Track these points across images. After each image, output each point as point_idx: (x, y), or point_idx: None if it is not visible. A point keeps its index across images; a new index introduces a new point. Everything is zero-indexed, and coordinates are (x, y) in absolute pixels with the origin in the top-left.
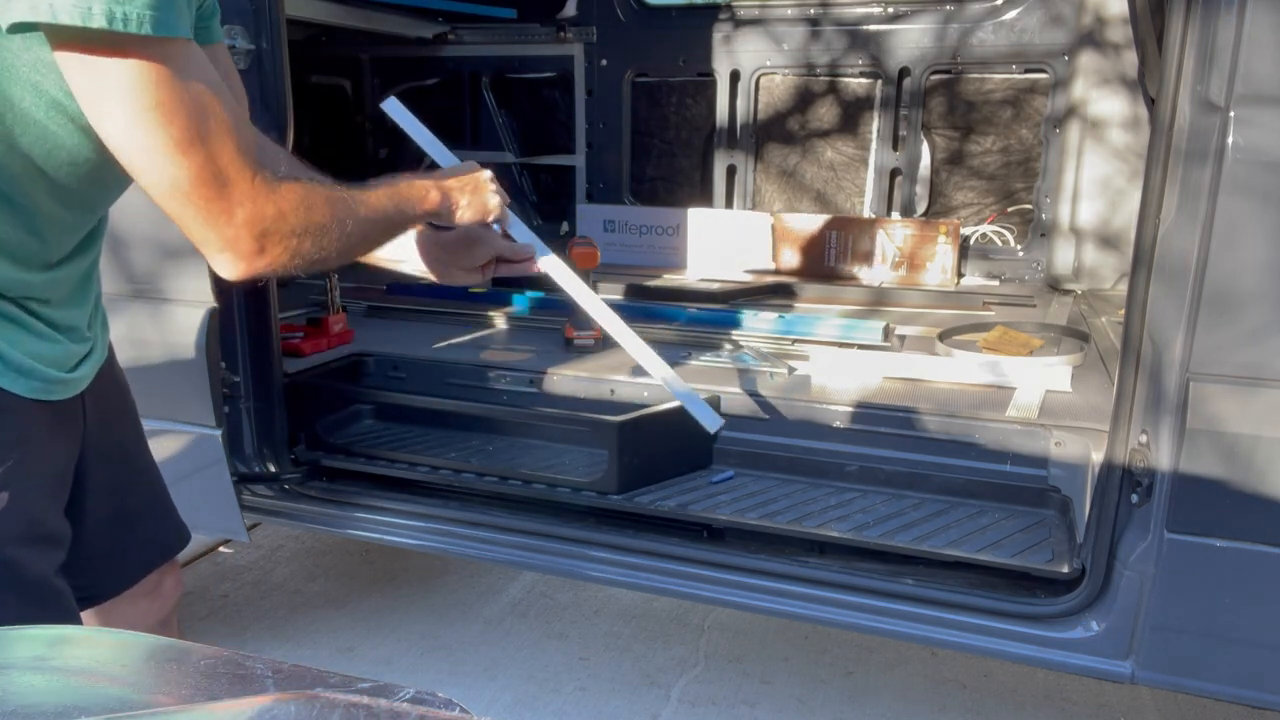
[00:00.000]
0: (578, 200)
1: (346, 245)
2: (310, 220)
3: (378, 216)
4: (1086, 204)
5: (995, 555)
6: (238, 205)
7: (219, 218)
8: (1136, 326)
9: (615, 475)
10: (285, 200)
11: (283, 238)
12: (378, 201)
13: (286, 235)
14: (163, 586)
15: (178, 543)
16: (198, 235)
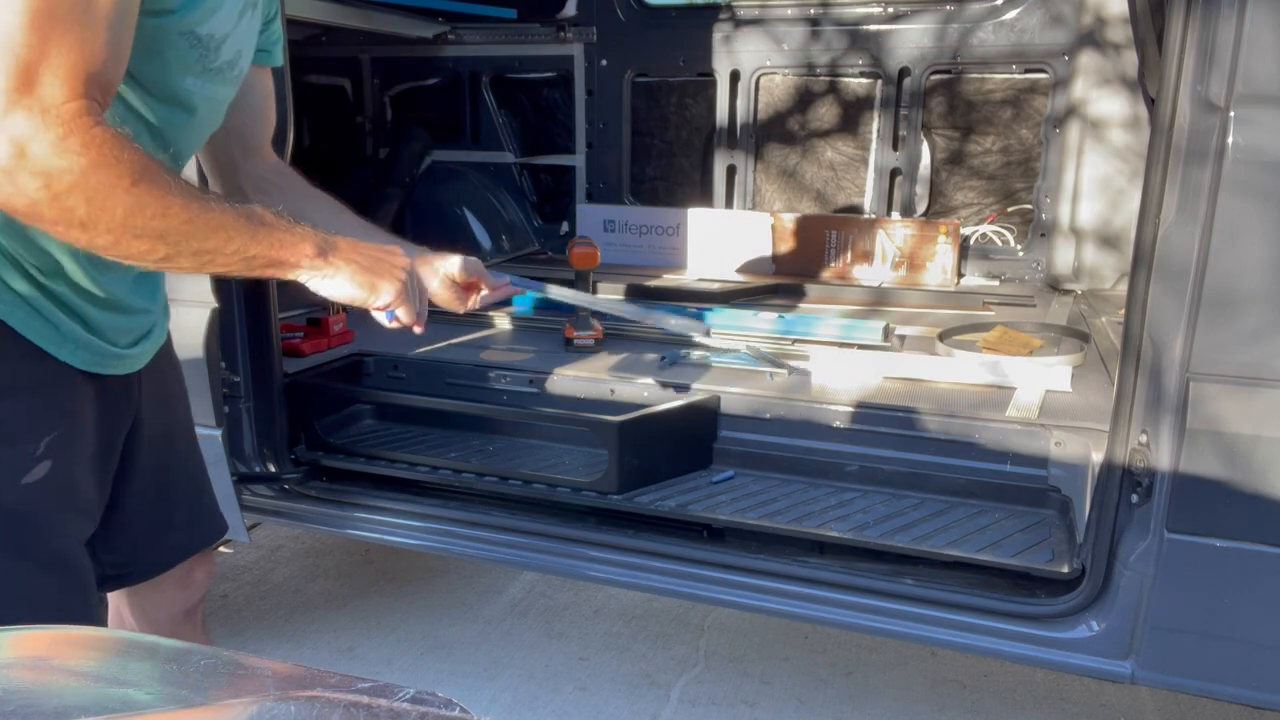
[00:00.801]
0: (578, 200)
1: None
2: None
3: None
4: (1086, 204)
5: (995, 555)
6: (22, 109)
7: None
8: (1136, 326)
9: (615, 475)
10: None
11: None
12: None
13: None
14: (193, 576)
15: (214, 532)
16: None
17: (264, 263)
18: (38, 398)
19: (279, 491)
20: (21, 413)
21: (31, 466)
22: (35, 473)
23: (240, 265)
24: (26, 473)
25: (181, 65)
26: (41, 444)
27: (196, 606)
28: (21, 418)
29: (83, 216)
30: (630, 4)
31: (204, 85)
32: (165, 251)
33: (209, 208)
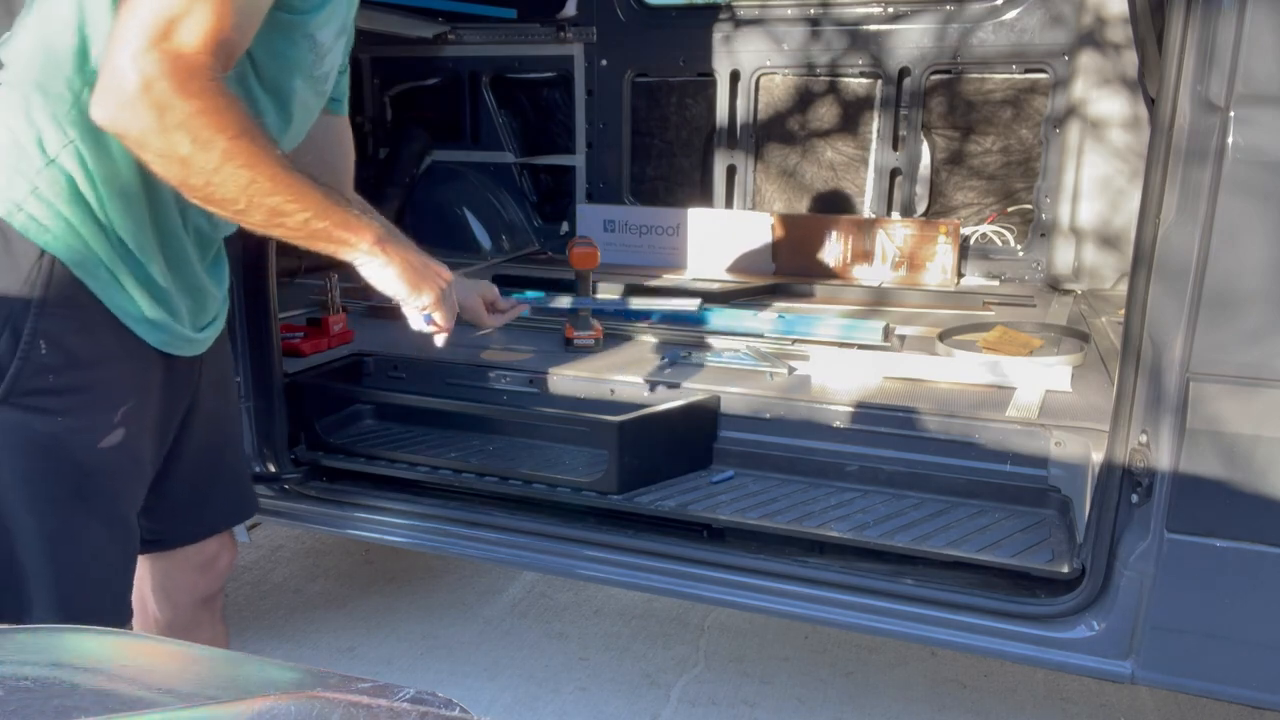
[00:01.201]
0: (578, 200)
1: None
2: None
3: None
4: (1086, 204)
5: (995, 555)
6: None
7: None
8: (1136, 326)
9: (615, 475)
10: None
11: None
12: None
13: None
14: (217, 562)
15: (248, 508)
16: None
17: (326, 237)
18: (119, 369)
19: (279, 491)
20: (106, 382)
21: (108, 432)
22: (111, 438)
23: (305, 234)
24: (104, 437)
25: (296, 65)
26: (119, 412)
27: (217, 594)
28: (105, 386)
29: (184, 154)
30: (630, 4)
31: (305, 90)
32: (244, 204)
33: (292, 174)
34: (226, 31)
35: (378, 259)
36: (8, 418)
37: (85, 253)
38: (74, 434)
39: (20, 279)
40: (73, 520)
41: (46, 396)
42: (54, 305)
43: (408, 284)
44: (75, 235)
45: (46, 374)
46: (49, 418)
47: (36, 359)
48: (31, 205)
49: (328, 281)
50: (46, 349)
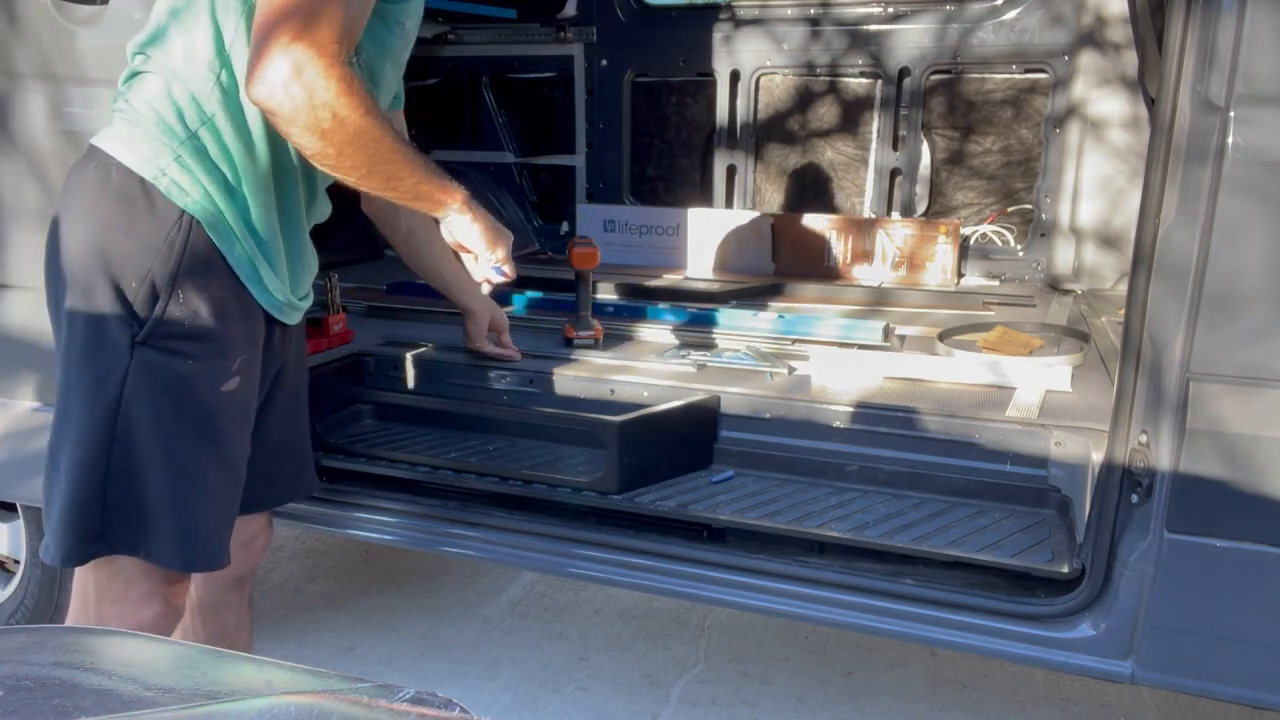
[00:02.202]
0: (578, 200)
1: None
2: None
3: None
4: (1086, 204)
5: (995, 555)
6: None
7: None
8: (1136, 326)
9: (615, 475)
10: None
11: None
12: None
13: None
14: (255, 542)
15: (311, 486)
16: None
17: (429, 198)
18: (237, 325)
19: None
20: (227, 334)
21: (228, 379)
22: (230, 384)
23: (411, 194)
24: (225, 382)
25: (389, 51)
26: (236, 362)
27: (249, 576)
28: (227, 338)
29: (326, 128)
30: (630, 4)
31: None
32: (367, 169)
33: (404, 146)
34: (349, 26)
35: (466, 216)
36: (147, 358)
37: (218, 217)
38: (201, 377)
39: (162, 236)
40: (196, 456)
41: (180, 341)
42: (189, 262)
43: (487, 239)
44: (210, 201)
45: (181, 322)
46: (182, 360)
47: (175, 309)
48: (174, 172)
49: (328, 281)
50: (182, 300)
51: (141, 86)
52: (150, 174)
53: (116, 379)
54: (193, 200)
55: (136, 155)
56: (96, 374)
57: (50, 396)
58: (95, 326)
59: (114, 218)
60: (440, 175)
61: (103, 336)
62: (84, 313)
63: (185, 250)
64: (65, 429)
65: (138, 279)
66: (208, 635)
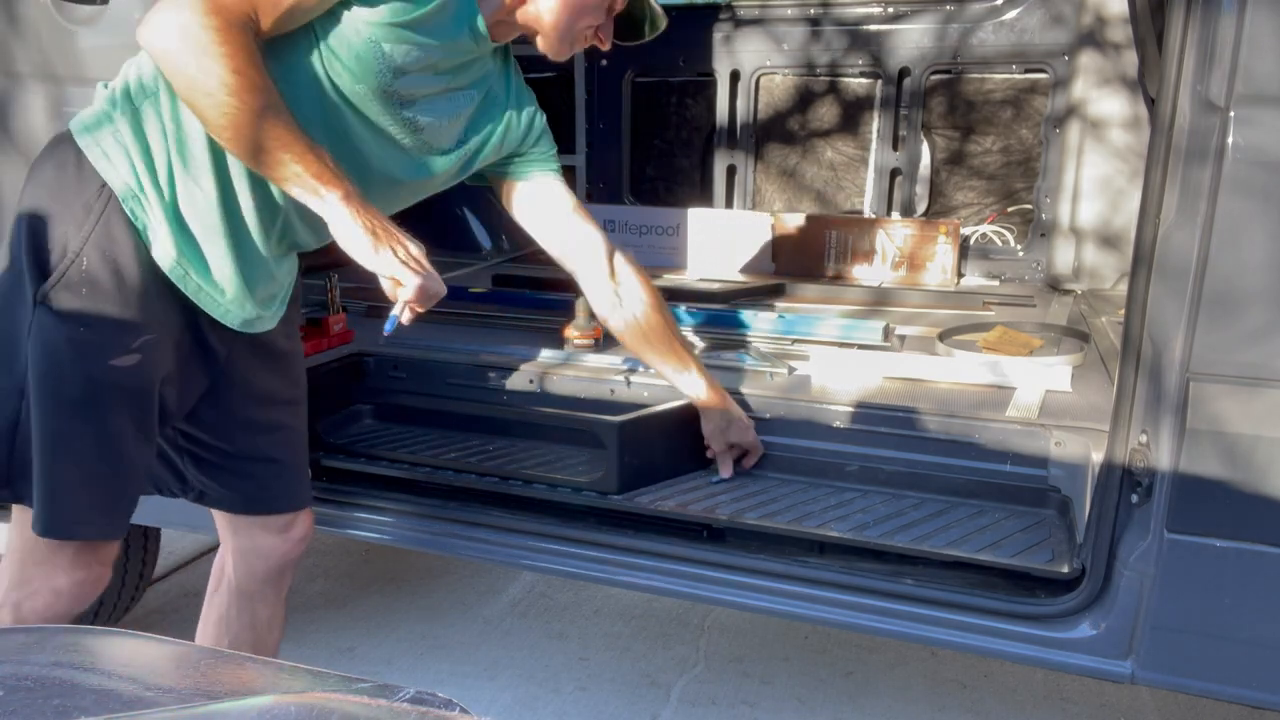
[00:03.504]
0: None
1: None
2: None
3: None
4: (1086, 204)
5: (995, 555)
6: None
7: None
8: (1136, 326)
9: (615, 475)
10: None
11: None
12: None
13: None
14: (293, 529)
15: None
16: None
17: (303, 184)
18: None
19: None
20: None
21: (122, 354)
22: (124, 360)
23: (289, 177)
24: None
25: (363, 74)
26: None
27: (289, 569)
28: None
29: (191, 74)
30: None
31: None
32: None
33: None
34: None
35: (341, 210)
36: (42, 318)
37: (138, 197)
38: (89, 346)
39: (82, 202)
40: (68, 423)
41: (76, 304)
42: (101, 233)
43: (369, 241)
44: (135, 178)
45: (80, 287)
46: (71, 325)
47: (75, 274)
48: (107, 143)
49: (328, 281)
50: (86, 266)
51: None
52: (84, 142)
53: (23, 334)
54: (116, 175)
55: (81, 123)
56: (11, 326)
57: None
58: (14, 281)
59: (47, 180)
60: (328, 166)
61: (19, 290)
62: (7, 267)
63: (100, 221)
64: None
65: (51, 239)
66: (240, 625)
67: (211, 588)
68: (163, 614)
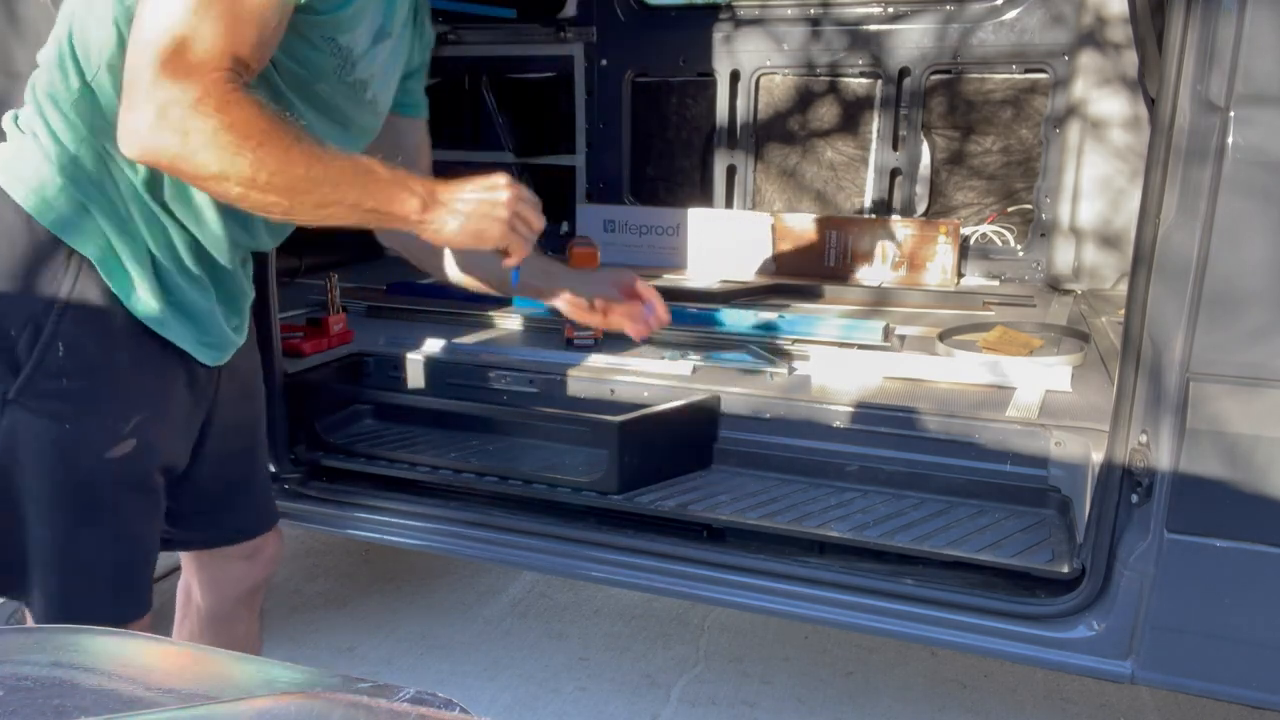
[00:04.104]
0: (578, 200)
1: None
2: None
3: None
4: (1087, 204)
5: (995, 555)
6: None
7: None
8: (1136, 326)
9: (615, 475)
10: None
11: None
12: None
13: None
14: (264, 552)
15: (271, 520)
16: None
17: (382, 215)
18: (137, 377)
19: (279, 491)
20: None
21: (117, 442)
22: (120, 448)
23: (357, 216)
24: (113, 446)
25: (319, 70)
26: (131, 422)
27: (261, 586)
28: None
29: (216, 171)
30: (630, 4)
31: (339, 96)
32: (288, 204)
33: (327, 164)
34: (241, 48)
35: (437, 214)
36: (17, 418)
37: (109, 256)
38: (81, 442)
39: (47, 276)
40: (74, 531)
41: (56, 401)
42: (76, 306)
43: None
44: (99, 236)
45: (60, 378)
46: (57, 424)
47: (52, 361)
48: (62, 204)
49: (328, 281)
50: (64, 352)
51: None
52: (34, 206)
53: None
54: (84, 237)
55: (20, 182)
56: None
57: None
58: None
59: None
60: (383, 182)
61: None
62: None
63: (72, 293)
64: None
65: (17, 326)
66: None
67: (180, 615)
68: (163, 614)
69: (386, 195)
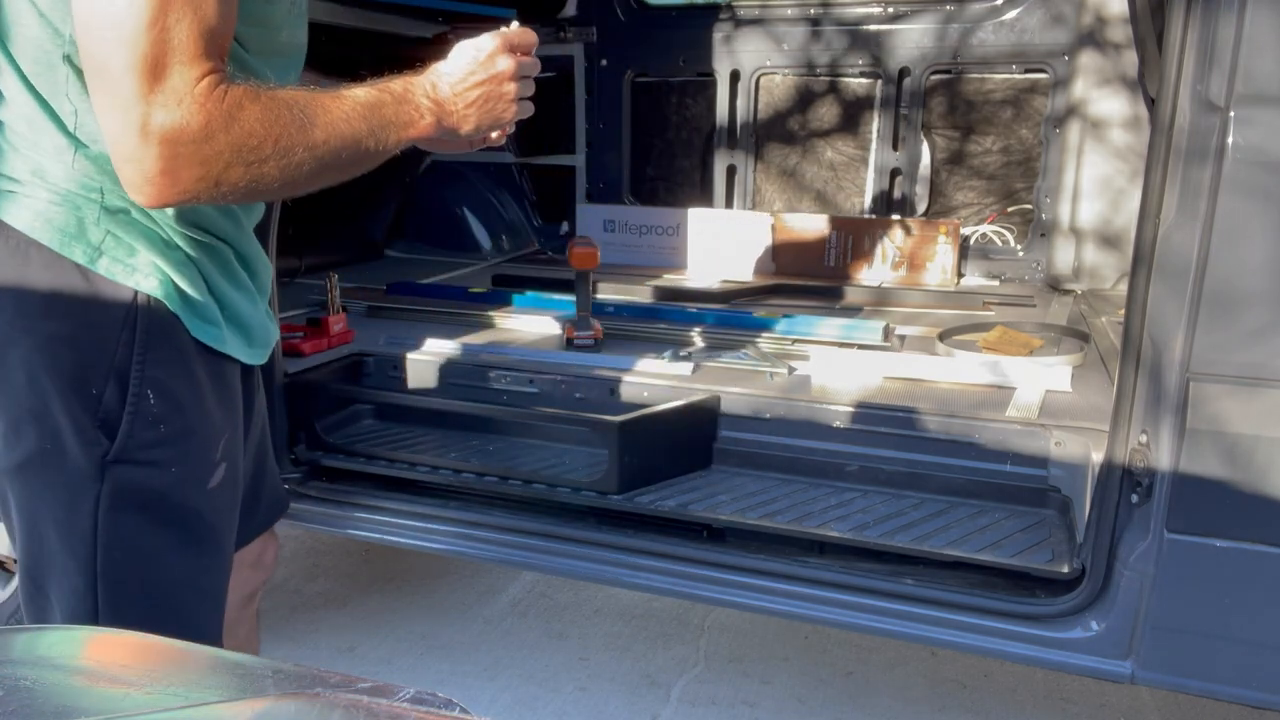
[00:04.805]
0: (578, 200)
1: (291, 178)
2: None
3: (342, 144)
4: (1087, 204)
5: (995, 555)
6: (159, 107)
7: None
8: (1136, 326)
9: (615, 475)
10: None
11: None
12: (348, 124)
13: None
14: (264, 557)
15: (283, 507)
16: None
17: (399, 145)
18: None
19: None
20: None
21: (213, 471)
22: (216, 477)
23: (380, 157)
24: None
25: (279, 20)
26: (219, 448)
27: (259, 591)
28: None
29: (248, 184)
30: (630, 4)
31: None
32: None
33: (337, 120)
34: (211, 35)
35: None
36: (124, 476)
37: (170, 287)
38: (188, 481)
39: (118, 324)
40: (197, 562)
41: (159, 449)
42: (155, 347)
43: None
44: (157, 269)
45: (157, 425)
46: (164, 470)
47: (146, 410)
48: (110, 247)
49: (328, 281)
50: (155, 398)
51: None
52: (84, 259)
53: (88, 509)
54: (142, 275)
55: (59, 233)
56: (65, 503)
57: None
58: (52, 448)
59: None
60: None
61: (62, 459)
62: (35, 432)
63: (149, 335)
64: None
65: (97, 383)
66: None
67: None
68: None
69: (405, 122)
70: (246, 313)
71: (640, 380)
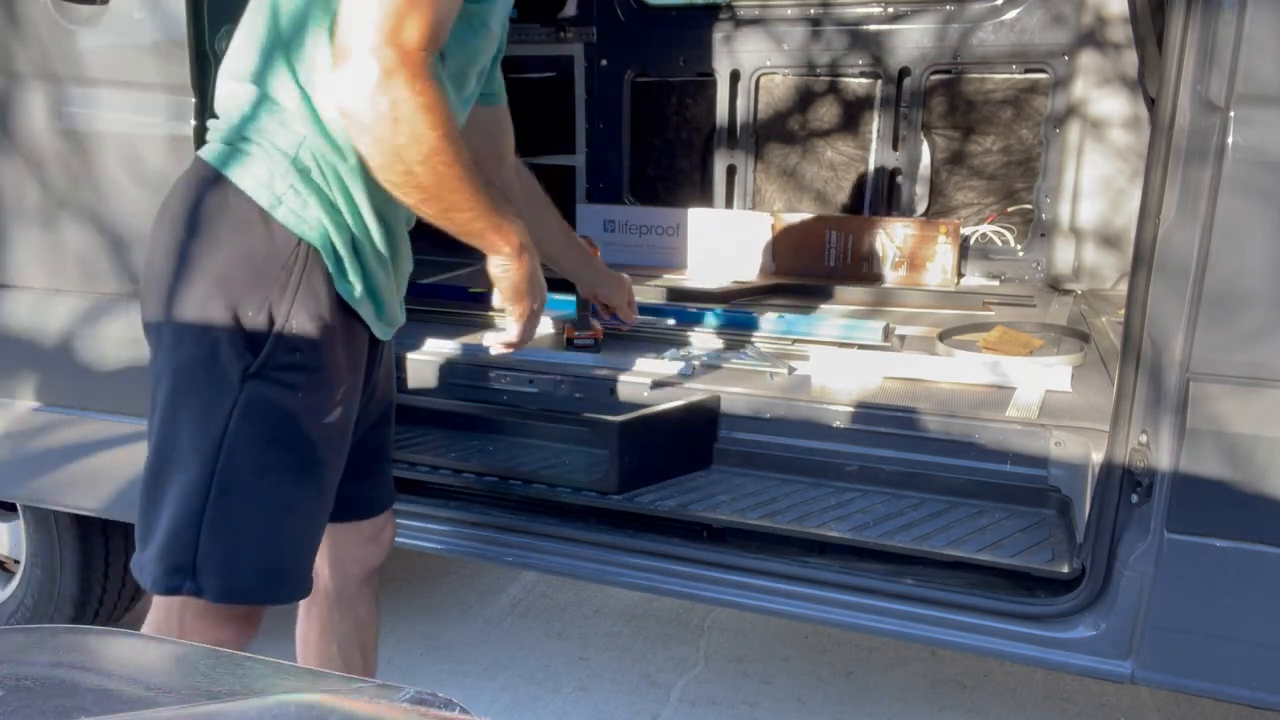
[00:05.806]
0: (578, 200)
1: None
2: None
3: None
4: (1087, 204)
5: (995, 555)
6: (394, 46)
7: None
8: (1136, 326)
9: (615, 475)
10: (422, 98)
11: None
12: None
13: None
14: (383, 534)
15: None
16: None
17: (480, 237)
18: (343, 352)
19: None
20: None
21: (332, 410)
22: (333, 415)
23: (464, 230)
24: (329, 414)
25: (475, 53)
26: (339, 391)
27: (378, 570)
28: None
29: (401, 144)
30: (630, 4)
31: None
32: (432, 193)
33: (472, 175)
34: (438, 27)
35: (511, 265)
36: (258, 391)
37: (328, 244)
38: (308, 409)
39: (280, 264)
40: (296, 489)
41: (293, 373)
42: (304, 292)
43: (514, 295)
44: (321, 228)
45: (295, 352)
46: (292, 393)
47: (288, 338)
48: (290, 199)
49: None
50: (296, 330)
51: (236, 105)
52: (267, 201)
53: (224, 412)
54: (308, 227)
55: (253, 179)
56: (205, 405)
57: (52, 396)
58: (208, 356)
59: (227, 242)
60: (499, 215)
61: (214, 367)
62: (196, 340)
63: (302, 279)
64: (172, 456)
65: (254, 308)
66: (345, 628)
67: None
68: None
69: (496, 224)
70: (384, 289)
71: (640, 380)
